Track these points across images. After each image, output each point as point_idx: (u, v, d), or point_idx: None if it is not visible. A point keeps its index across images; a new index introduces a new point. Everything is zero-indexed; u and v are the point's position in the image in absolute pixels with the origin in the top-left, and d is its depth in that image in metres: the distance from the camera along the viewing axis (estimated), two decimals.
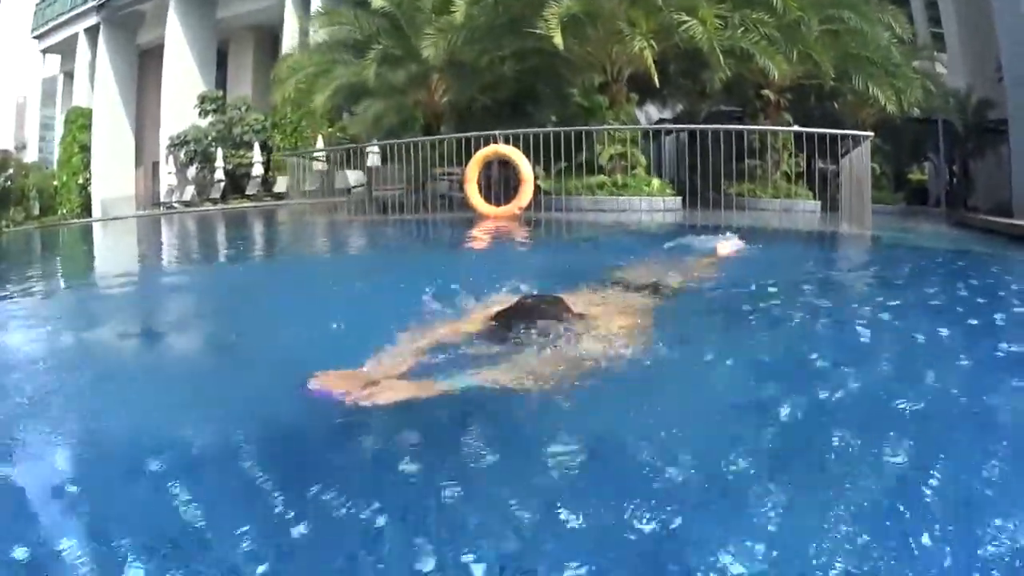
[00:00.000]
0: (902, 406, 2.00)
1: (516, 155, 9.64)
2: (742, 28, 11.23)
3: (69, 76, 40.97)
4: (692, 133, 11.13)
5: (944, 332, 3.07)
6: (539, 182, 9.98)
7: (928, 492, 1.55)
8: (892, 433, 1.82)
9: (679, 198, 10.85)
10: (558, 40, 9.99)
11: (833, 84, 12.17)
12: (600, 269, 4.20)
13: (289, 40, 25.31)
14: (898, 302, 3.83)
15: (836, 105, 13.80)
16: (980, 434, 1.95)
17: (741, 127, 11.07)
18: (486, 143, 10.09)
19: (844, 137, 10.25)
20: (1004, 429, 1.99)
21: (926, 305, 3.84)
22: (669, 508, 1.43)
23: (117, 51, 35.79)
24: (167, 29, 31.26)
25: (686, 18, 10.54)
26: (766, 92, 12.37)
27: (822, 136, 10.35)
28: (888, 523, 1.46)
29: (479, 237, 8.04)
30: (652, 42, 10.48)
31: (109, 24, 35.57)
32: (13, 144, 52.43)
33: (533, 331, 2.42)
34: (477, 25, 11.48)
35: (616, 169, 10.93)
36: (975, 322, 3.28)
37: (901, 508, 1.52)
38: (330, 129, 20.58)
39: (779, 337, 3.02)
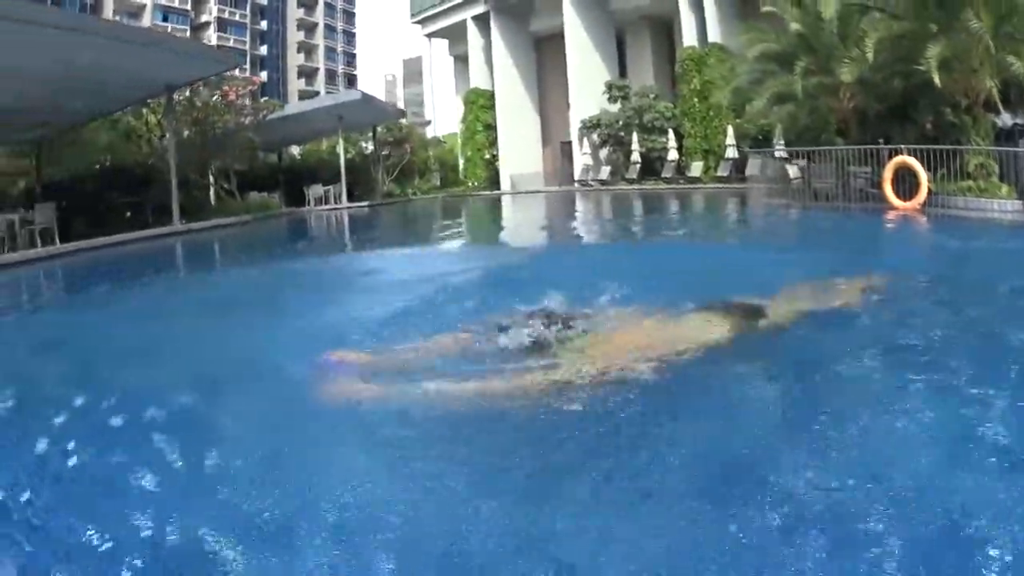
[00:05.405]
0: None
1: (916, 165, 14.74)
2: None
3: (461, 59, 47.62)
4: None
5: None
6: (928, 184, 14.26)
7: None
8: None
9: (1020, 202, 13.79)
10: (937, 80, 14.32)
11: None
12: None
13: (688, 34, 30.35)
14: None
15: None
16: None
17: None
18: (893, 153, 15.42)
19: None
20: None
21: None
22: None
23: (511, 38, 41.07)
24: (565, 19, 35.99)
25: (1012, 59, 14.25)
26: None
27: None
28: None
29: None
30: (995, 80, 14.50)
31: (498, 13, 40.90)
32: (419, 121, 62.64)
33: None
34: (880, 60, 16.43)
35: (979, 176, 14.44)
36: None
37: None
38: (737, 120, 24.92)
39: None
